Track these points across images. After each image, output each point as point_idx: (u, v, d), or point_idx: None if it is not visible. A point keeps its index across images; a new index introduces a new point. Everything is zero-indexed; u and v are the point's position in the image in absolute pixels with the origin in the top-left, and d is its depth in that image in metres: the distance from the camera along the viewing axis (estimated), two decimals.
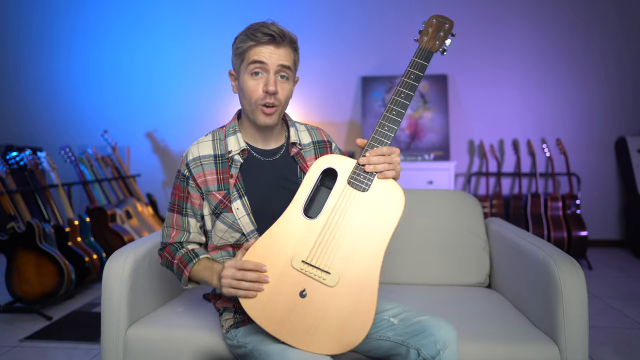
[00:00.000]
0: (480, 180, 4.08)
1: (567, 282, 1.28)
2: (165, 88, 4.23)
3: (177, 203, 1.30)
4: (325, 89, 4.13)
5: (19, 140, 4.25)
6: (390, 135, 1.14)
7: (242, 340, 1.22)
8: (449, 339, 1.09)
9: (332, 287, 1.07)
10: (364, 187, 1.12)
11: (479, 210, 1.89)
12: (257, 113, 1.21)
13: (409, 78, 1.16)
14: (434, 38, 1.20)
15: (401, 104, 1.15)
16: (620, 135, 4.00)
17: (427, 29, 1.21)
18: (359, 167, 1.12)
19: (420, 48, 1.19)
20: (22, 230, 2.56)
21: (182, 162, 1.28)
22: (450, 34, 1.21)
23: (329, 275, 1.08)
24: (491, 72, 4.04)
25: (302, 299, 1.07)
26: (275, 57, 1.17)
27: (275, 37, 1.16)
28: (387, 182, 1.12)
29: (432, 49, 1.19)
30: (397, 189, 1.12)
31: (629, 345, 2.14)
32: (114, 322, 1.36)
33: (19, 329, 2.36)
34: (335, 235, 1.10)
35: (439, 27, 1.21)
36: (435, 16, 1.22)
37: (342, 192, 1.12)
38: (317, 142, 1.36)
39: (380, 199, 1.11)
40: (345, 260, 1.08)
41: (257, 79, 1.18)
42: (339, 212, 1.11)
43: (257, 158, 1.27)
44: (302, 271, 1.08)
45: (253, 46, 1.17)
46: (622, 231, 4.07)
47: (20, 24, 4.31)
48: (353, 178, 1.12)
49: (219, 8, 4.11)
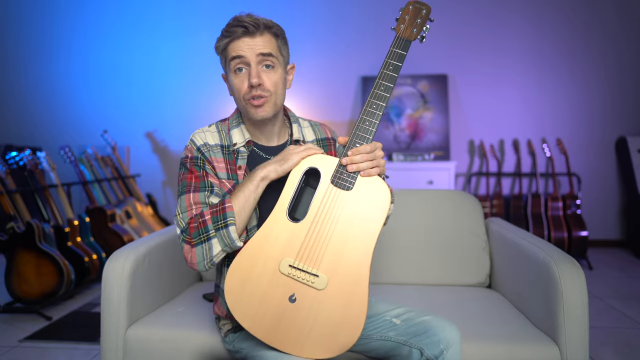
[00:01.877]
0: (481, 180, 4.08)
1: (567, 282, 1.28)
2: (165, 88, 4.22)
3: (195, 184, 1.17)
4: (325, 88, 4.13)
5: (19, 140, 4.25)
6: (371, 130, 1.10)
7: (238, 345, 1.22)
8: (453, 339, 1.09)
9: (322, 290, 1.05)
10: (348, 185, 1.09)
11: (479, 210, 1.88)
12: (248, 109, 1.19)
13: (387, 69, 1.12)
14: (411, 25, 1.15)
15: (381, 96, 1.11)
16: (620, 135, 4.00)
17: (403, 17, 1.16)
18: (342, 166, 1.10)
19: (398, 37, 1.15)
20: (21, 231, 2.56)
21: (190, 148, 1.21)
22: (428, 19, 1.16)
23: (317, 278, 1.05)
24: (491, 72, 4.03)
25: (292, 304, 1.05)
26: (253, 47, 1.15)
27: (248, 27, 1.14)
28: (371, 180, 1.09)
29: (409, 37, 1.14)
30: (382, 186, 1.09)
31: (629, 346, 2.14)
32: (114, 322, 1.36)
33: (18, 329, 2.36)
34: (322, 236, 1.07)
35: (415, 14, 1.15)
36: (411, 2, 1.16)
37: (326, 193, 1.09)
38: (320, 139, 1.34)
39: (366, 197, 1.09)
40: (334, 261, 1.06)
41: (241, 75, 1.17)
42: (324, 213, 1.08)
43: (259, 154, 1.26)
44: (291, 276, 1.06)
45: (229, 42, 1.16)
46: (622, 231, 4.06)
47: (20, 24, 4.31)
48: (336, 177, 1.10)
49: (219, 8, 4.11)
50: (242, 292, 1.07)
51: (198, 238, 1.11)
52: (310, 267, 1.06)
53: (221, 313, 1.27)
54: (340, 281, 1.06)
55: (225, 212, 1.10)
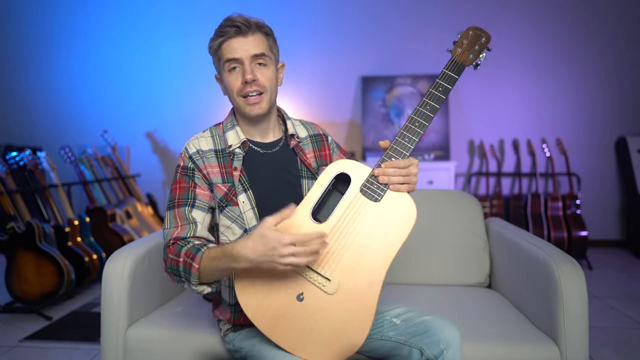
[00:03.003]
0: (480, 180, 4.08)
1: (567, 282, 1.28)
2: (165, 88, 4.22)
3: (178, 197, 1.19)
4: (325, 89, 4.12)
5: (19, 140, 4.25)
6: (409, 147, 1.10)
7: (237, 345, 1.22)
8: (453, 339, 1.09)
9: (331, 295, 1.05)
10: (376, 197, 1.08)
11: (479, 210, 1.88)
12: (243, 106, 1.20)
13: (437, 90, 1.12)
14: (468, 51, 1.14)
15: (425, 115, 1.11)
16: (620, 135, 4.00)
17: (461, 41, 1.14)
18: (373, 176, 1.09)
19: (453, 60, 1.14)
20: (21, 231, 2.56)
21: (183, 157, 1.23)
22: (486, 48, 1.15)
23: (329, 283, 1.05)
24: (491, 72, 4.03)
25: (299, 302, 1.05)
26: (246, 47, 1.17)
27: (241, 27, 1.16)
28: (400, 195, 1.09)
29: (465, 62, 1.14)
30: (409, 204, 1.08)
31: (629, 346, 2.14)
32: (114, 322, 1.36)
33: (18, 329, 2.36)
34: (342, 243, 1.07)
35: (474, 40, 1.14)
36: (472, 28, 1.15)
37: (354, 200, 1.09)
38: (313, 135, 1.36)
39: (392, 211, 1.08)
40: (348, 270, 1.05)
41: (235, 72, 1.19)
42: (348, 220, 1.07)
43: (257, 151, 1.26)
44: (303, 275, 1.06)
45: (222, 42, 1.18)
46: (622, 231, 4.06)
47: (20, 24, 4.31)
48: (366, 187, 1.09)
49: (219, 8, 4.11)
50: (253, 282, 1.07)
51: (171, 271, 1.12)
52: (324, 270, 1.06)
53: (223, 317, 1.27)
54: (350, 290, 1.05)
55: (191, 271, 1.07)
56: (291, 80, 3.87)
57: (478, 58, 1.15)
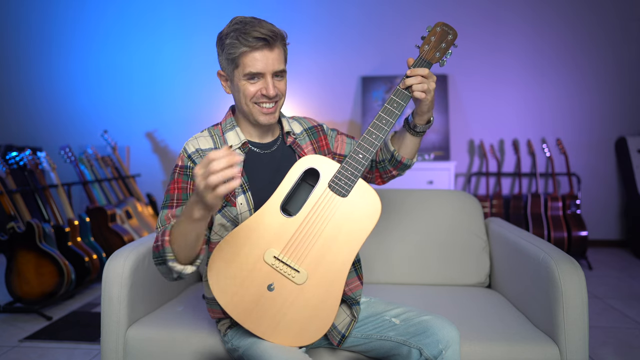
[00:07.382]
0: (480, 180, 4.08)
1: (567, 282, 1.28)
2: (165, 88, 4.23)
3: (174, 197, 1.19)
4: (325, 89, 4.13)
5: (19, 140, 4.25)
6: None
7: (236, 343, 1.22)
8: (452, 339, 1.09)
9: (300, 285, 1.11)
10: (343, 192, 1.13)
11: (479, 210, 1.88)
12: (256, 113, 1.20)
13: (397, 92, 1.17)
14: (435, 48, 1.18)
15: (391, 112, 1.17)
16: (620, 135, 4.00)
17: (429, 37, 1.18)
18: (341, 172, 1.14)
19: (420, 57, 1.18)
20: (22, 230, 2.56)
21: (182, 156, 1.23)
22: (453, 44, 1.19)
23: (298, 274, 1.11)
24: (491, 72, 4.03)
25: (269, 292, 1.10)
26: (270, 62, 1.16)
27: (269, 39, 1.14)
28: (366, 190, 1.14)
29: (431, 60, 1.18)
30: (375, 199, 1.14)
31: (629, 345, 2.14)
32: (114, 322, 1.36)
33: (18, 329, 2.36)
34: (310, 236, 1.12)
35: (442, 37, 1.18)
36: (440, 24, 1.19)
37: (322, 195, 1.14)
38: (308, 128, 1.36)
39: (358, 206, 1.13)
40: (316, 261, 1.11)
41: (254, 82, 1.18)
42: (316, 214, 1.13)
43: (255, 152, 1.27)
44: (273, 266, 1.11)
45: (247, 52, 1.14)
46: (622, 231, 4.06)
47: (20, 24, 4.31)
48: (334, 182, 1.14)
49: (219, 8, 4.11)
50: (226, 272, 1.11)
51: (155, 260, 1.09)
52: (293, 262, 1.11)
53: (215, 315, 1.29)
54: (318, 281, 1.11)
55: (165, 246, 1.04)
56: (291, 81, 3.86)
57: (444, 55, 1.19)
